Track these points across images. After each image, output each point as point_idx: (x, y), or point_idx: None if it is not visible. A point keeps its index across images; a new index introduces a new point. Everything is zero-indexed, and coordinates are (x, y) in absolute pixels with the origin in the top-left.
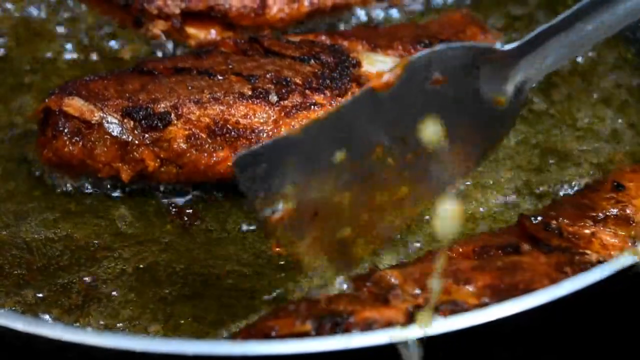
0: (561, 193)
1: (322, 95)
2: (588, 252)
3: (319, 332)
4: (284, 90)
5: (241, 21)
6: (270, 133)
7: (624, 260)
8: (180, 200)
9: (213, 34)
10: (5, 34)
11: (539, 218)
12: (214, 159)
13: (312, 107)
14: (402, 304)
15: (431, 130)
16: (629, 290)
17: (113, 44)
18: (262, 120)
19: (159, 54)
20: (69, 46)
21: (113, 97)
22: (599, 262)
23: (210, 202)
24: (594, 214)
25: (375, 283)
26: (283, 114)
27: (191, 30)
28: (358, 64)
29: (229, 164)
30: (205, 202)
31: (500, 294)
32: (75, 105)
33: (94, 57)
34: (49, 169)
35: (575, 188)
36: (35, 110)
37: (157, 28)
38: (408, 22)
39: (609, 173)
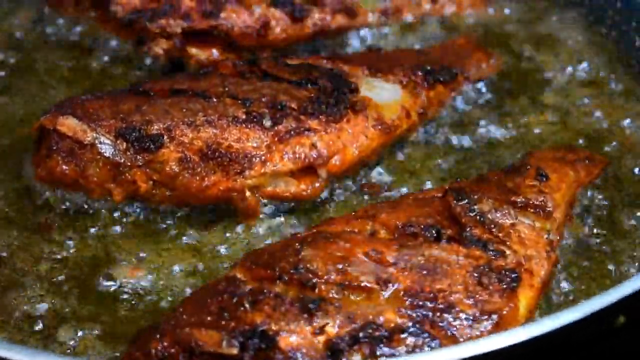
0: None
1: (316, 121)
2: (505, 250)
3: (243, 354)
4: (278, 115)
5: (243, 41)
6: (263, 158)
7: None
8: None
9: (215, 54)
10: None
11: (464, 200)
12: (206, 182)
13: (306, 132)
14: (324, 320)
15: None
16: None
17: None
18: (255, 145)
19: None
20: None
21: (107, 118)
22: (513, 271)
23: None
24: (516, 199)
25: (300, 273)
26: (276, 139)
27: (193, 50)
28: (356, 89)
29: (220, 187)
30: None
31: (418, 307)
32: (69, 124)
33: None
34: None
35: None
36: (31, 128)
37: (159, 47)
38: (411, 48)
39: (530, 156)
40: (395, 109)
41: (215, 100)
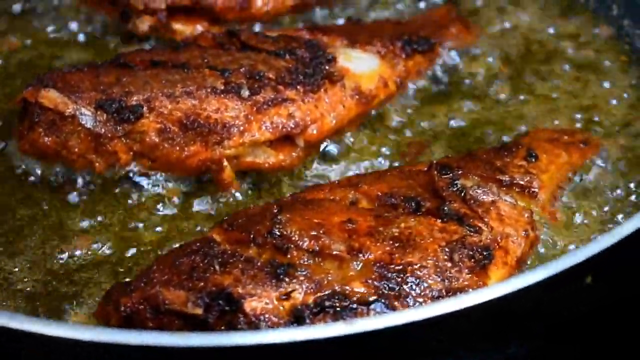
0: None
1: (294, 91)
2: (482, 226)
3: (207, 315)
4: (256, 85)
5: (227, 15)
6: (242, 128)
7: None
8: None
9: (199, 29)
10: None
11: (448, 174)
12: (186, 153)
13: (284, 102)
14: (291, 286)
15: None
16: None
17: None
18: (233, 115)
19: None
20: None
21: (88, 90)
22: (486, 248)
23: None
24: (501, 178)
25: (275, 237)
26: (254, 109)
27: (177, 26)
28: (333, 60)
29: (200, 158)
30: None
31: (385, 279)
32: (50, 97)
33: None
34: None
35: None
36: (14, 101)
37: (144, 23)
38: (393, 19)
39: (526, 135)
40: (373, 79)
41: (194, 71)
